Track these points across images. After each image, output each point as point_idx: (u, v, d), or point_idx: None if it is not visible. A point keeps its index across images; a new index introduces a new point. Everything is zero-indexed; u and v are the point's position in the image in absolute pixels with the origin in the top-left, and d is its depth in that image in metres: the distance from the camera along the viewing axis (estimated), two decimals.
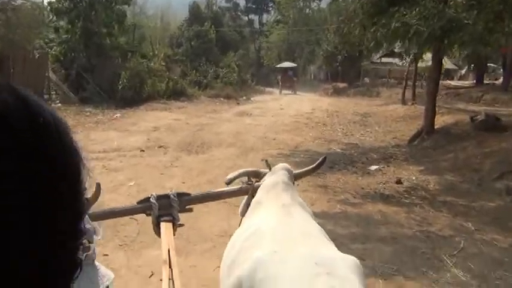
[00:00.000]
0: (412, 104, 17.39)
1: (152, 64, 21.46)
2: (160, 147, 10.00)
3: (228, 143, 10.71)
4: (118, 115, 15.42)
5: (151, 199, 2.12)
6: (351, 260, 1.41)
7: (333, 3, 37.55)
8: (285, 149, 10.22)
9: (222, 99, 21.98)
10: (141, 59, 20.64)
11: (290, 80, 32.54)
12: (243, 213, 2.10)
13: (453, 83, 30.44)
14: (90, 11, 18.90)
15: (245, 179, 2.25)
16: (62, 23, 19.97)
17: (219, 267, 1.80)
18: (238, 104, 21.19)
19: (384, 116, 16.51)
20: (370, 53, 9.42)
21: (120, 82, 18.44)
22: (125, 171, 7.72)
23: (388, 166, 8.85)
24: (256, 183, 2.15)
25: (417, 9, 7.35)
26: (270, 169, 2.15)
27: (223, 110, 17.90)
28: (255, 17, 56.71)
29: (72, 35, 19.06)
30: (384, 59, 38.95)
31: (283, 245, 1.46)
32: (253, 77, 32.75)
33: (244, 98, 23.83)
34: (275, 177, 2.01)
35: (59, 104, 16.96)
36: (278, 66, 36.64)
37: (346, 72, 35.64)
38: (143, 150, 9.55)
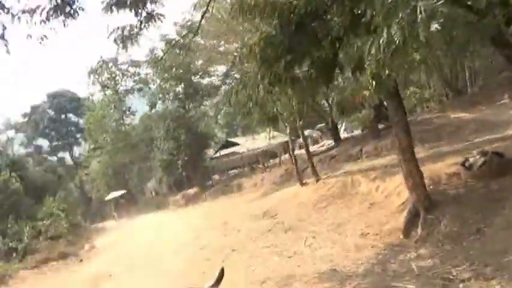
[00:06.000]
0: (317, 180, 13.36)
1: None
2: None
3: None
4: None
5: None
6: None
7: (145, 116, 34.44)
8: None
9: (54, 263, 14.86)
10: None
11: (125, 208, 32.14)
12: None
13: (312, 149, 28.26)
14: None
15: None
16: None
17: None
18: (81, 261, 14.51)
19: (295, 206, 12.11)
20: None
21: None
22: None
23: None
24: None
25: None
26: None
27: None
28: (64, 154, 50.55)
29: None
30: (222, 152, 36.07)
31: None
32: (84, 217, 26.36)
33: (86, 248, 17.04)
34: None
35: None
36: (107, 199, 34.69)
37: (191, 176, 31.82)
38: None
